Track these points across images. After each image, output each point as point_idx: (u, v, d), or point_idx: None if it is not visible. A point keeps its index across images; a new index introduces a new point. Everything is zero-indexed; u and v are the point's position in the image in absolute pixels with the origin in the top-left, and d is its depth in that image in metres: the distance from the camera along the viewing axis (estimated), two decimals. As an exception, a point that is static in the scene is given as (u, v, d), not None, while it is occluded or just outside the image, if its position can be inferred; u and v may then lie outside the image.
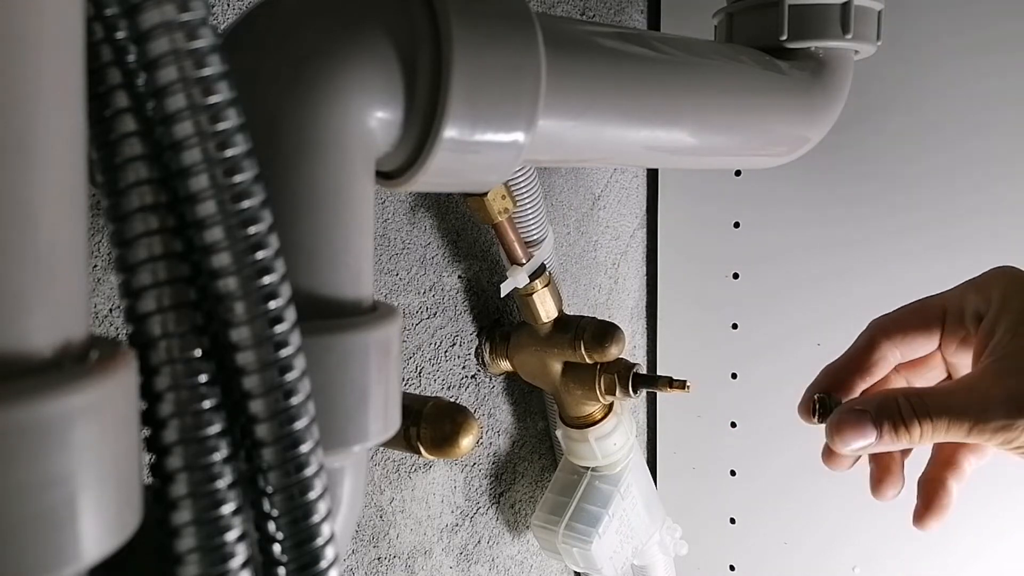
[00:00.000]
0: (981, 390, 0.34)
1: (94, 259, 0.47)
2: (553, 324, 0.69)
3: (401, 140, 0.32)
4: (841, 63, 0.54)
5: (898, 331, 0.39)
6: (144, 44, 0.21)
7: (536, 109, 0.33)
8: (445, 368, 0.71)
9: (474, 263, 0.73)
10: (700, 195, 0.89)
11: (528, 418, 0.81)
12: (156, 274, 0.22)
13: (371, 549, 0.66)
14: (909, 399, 0.35)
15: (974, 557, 0.75)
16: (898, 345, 0.39)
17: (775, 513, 0.87)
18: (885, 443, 0.36)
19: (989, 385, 0.34)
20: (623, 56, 0.40)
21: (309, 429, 0.23)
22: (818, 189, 0.79)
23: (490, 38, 0.32)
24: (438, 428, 0.52)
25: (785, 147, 0.54)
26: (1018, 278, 0.37)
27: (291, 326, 0.23)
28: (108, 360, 0.18)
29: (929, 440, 0.35)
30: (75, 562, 0.17)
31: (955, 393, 0.35)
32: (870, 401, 0.37)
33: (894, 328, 0.39)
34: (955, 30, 0.70)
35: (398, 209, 0.66)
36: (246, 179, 0.22)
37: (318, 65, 0.29)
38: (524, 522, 0.82)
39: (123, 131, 0.22)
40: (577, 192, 0.84)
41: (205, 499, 0.22)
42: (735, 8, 0.56)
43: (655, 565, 0.84)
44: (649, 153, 0.44)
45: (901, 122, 0.74)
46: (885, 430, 0.36)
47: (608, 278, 0.90)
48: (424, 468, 0.70)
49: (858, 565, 0.82)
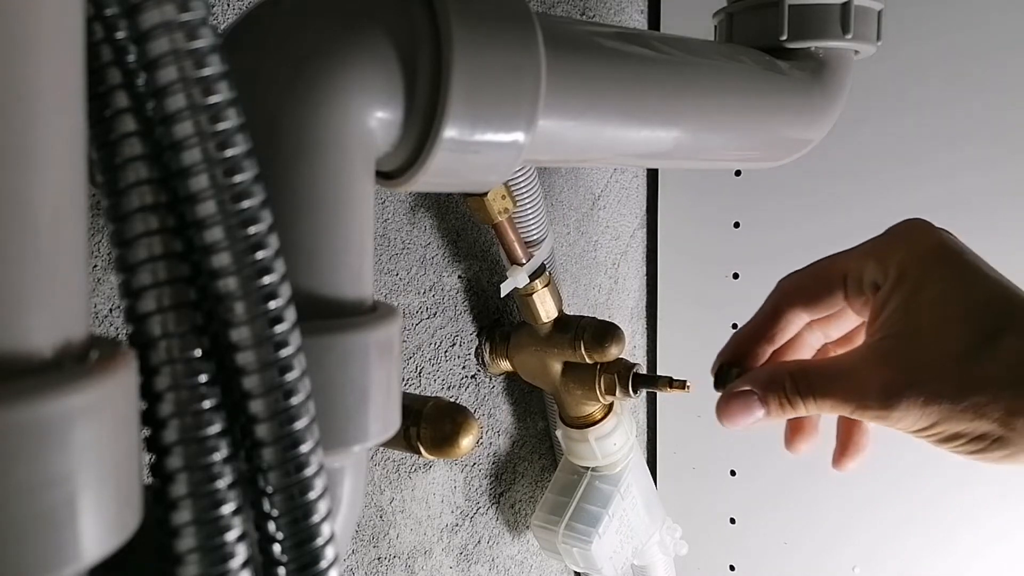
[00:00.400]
0: (861, 375, 0.34)
1: (94, 259, 0.47)
2: (553, 324, 0.69)
3: (401, 140, 0.32)
4: (841, 63, 0.54)
5: (801, 298, 0.39)
6: (144, 44, 0.21)
7: (536, 109, 0.33)
8: (445, 368, 0.71)
9: (474, 263, 0.73)
10: (700, 195, 0.89)
11: (528, 418, 0.81)
12: (156, 274, 0.22)
13: (371, 549, 0.66)
14: (795, 377, 0.36)
15: (974, 557, 0.75)
16: (803, 310, 0.39)
17: (775, 513, 0.87)
18: (774, 418, 0.37)
19: (868, 370, 0.34)
20: (623, 56, 0.40)
21: (309, 429, 0.23)
22: (818, 189, 0.79)
23: (490, 38, 0.32)
24: (438, 428, 0.52)
25: (785, 147, 0.54)
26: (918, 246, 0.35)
27: (291, 326, 0.23)
28: (108, 360, 0.18)
29: (818, 413, 0.36)
30: (75, 562, 0.17)
31: (839, 374, 0.35)
32: (758, 379, 0.37)
33: (797, 296, 0.39)
34: (955, 30, 0.70)
35: (398, 209, 0.66)
36: (246, 179, 0.22)
37: (318, 65, 0.29)
38: (524, 522, 0.82)
39: (123, 131, 0.22)
40: (577, 192, 0.84)
41: (205, 499, 0.22)
42: (735, 8, 0.56)
43: (655, 565, 0.84)
44: (649, 153, 0.44)
45: (901, 122, 0.74)
46: (772, 407, 0.36)
47: (608, 278, 0.90)
48: (424, 468, 0.70)
49: (858, 565, 0.82)
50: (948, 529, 0.76)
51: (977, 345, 0.32)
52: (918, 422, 0.33)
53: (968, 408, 0.32)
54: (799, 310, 0.39)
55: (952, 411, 0.32)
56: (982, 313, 0.33)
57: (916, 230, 0.36)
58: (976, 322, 0.33)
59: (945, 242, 0.35)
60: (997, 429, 0.32)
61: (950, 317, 0.33)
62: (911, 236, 0.36)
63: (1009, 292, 0.33)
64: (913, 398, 0.33)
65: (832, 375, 0.35)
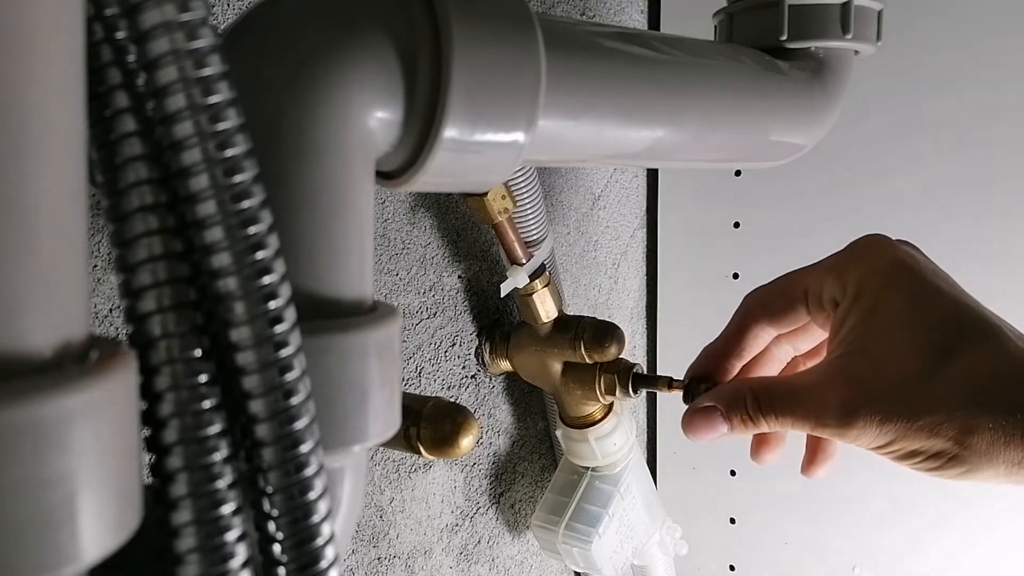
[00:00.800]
0: (819, 393, 0.35)
1: (94, 259, 0.47)
2: (553, 324, 0.69)
3: (401, 140, 0.32)
4: (841, 63, 0.54)
5: (766, 314, 0.39)
6: (144, 44, 0.21)
7: (536, 109, 0.33)
8: (445, 368, 0.71)
9: (474, 263, 0.73)
10: (700, 195, 0.89)
11: (528, 418, 0.81)
12: (156, 274, 0.22)
13: (371, 549, 0.66)
14: (756, 395, 0.36)
15: (974, 557, 0.75)
16: (769, 325, 0.40)
17: (775, 513, 0.87)
18: (738, 434, 0.37)
19: (826, 388, 0.35)
20: (623, 56, 0.40)
21: (309, 429, 0.23)
22: (818, 189, 0.79)
23: (490, 38, 0.32)
24: (438, 428, 0.52)
25: (785, 147, 0.54)
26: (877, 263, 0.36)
27: (291, 326, 0.23)
28: (108, 360, 0.18)
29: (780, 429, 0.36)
30: (75, 562, 0.17)
31: (799, 392, 0.35)
32: (722, 395, 0.38)
33: (762, 312, 0.40)
34: (956, 29, 0.70)
35: (398, 209, 0.66)
36: (246, 179, 0.22)
37: (318, 65, 0.29)
38: (524, 522, 0.82)
39: (123, 131, 0.22)
40: (577, 192, 0.84)
41: (205, 499, 0.22)
42: (735, 8, 0.56)
43: (655, 565, 0.84)
44: (649, 153, 0.44)
45: (901, 122, 0.74)
46: (735, 423, 0.37)
47: (608, 278, 0.90)
48: (424, 468, 0.70)
49: (858, 565, 0.82)
50: (949, 529, 0.76)
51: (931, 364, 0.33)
52: (876, 440, 0.33)
53: (923, 427, 0.32)
54: (765, 325, 0.40)
55: (908, 430, 0.32)
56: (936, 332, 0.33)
57: (875, 246, 0.37)
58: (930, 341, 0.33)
59: (903, 259, 0.36)
60: (952, 447, 0.32)
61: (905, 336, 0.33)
62: (870, 253, 0.37)
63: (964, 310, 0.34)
64: (869, 417, 0.33)
65: (792, 393, 0.36)
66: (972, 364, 0.32)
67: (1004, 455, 0.31)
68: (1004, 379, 0.32)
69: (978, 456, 0.32)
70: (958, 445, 0.32)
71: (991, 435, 0.31)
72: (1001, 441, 0.31)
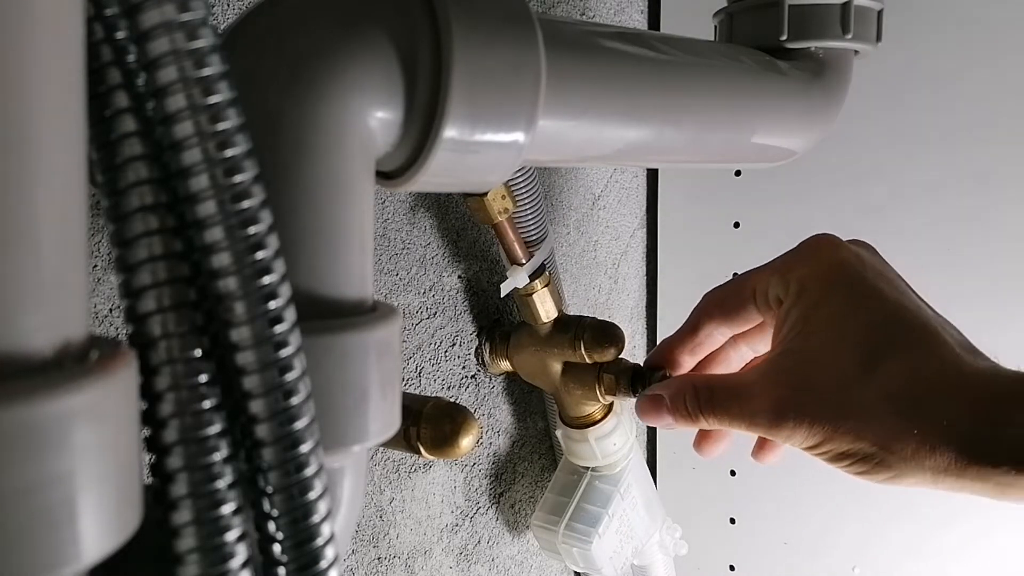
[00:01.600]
0: (755, 392, 0.35)
1: (94, 259, 0.47)
2: (553, 324, 0.69)
3: (401, 140, 0.32)
4: (841, 63, 0.54)
5: (720, 311, 0.40)
6: (144, 44, 0.21)
7: (536, 109, 0.33)
8: (445, 368, 0.71)
9: (474, 263, 0.73)
10: (700, 195, 0.89)
11: (528, 418, 0.81)
12: (156, 274, 0.22)
13: (371, 549, 0.66)
14: (698, 391, 0.37)
15: (974, 557, 0.75)
16: (722, 323, 0.40)
17: (775, 513, 0.87)
18: (681, 426, 0.38)
19: (761, 387, 0.35)
20: (623, 56, 0.40)
21: (309, 429, 0.23)
22: (818, 189, 0.79)
23: (490, 38, 0.32)
24: (438, 428, 0.52)
25: (785, 147, 0.54)
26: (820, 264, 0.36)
27: (291, 326, 0.23)
28: (108, 360, 0.18)
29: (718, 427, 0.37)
30: (75, 562, 0.17)
31: (736, 390, 0.36)
32: (668, 388, 0.39)
33: (716, 310, 0.40)
34: (955, 29, 0.70)
35: (398, 209, 0.66)
36: (246, 179, 0.22)
37: (318, 65, 0.29)
38: (524, 522, 0.82)
39: (123, 131, 0.22)
40: (577, 192, 0.84)
41: (205, 499, 0.22)
42: (735, 8, 0.56)
43: (655, 565, 0.84)
44: (649, 153, 0.44)
45: (902, 122, 0.74)
46: (677, 416, 0.38)
47: (608, 278, 0.90)
48: (424, 468, 0.70)
49: (858, 565, 0.82)
50: (949, 530, 0.76)
51: (862, 367, 0.33)
52: (806, 441, 0.34)
53: (848, 431, 0.32)
54: (718, 323, 0.40)
55: (835, 432, 0.33)
56: (870, 335, 0.33)
57: (821, 247, 0.37)
58: (862, 344, 0.33)
59: (847, 260, 0.36)
60: (878, 452, 0.32)
61: (840, 338, 0.34)
62: (815, 253, 0.37)
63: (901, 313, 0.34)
64: (799, 418, 0.33)
65: (730, 391, 0.36)
66: (902, 369, 0.32)
67: (930, 461, 0.31)
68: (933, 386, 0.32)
69: (903, 462, 0.32)
70: (884, 450, 0.32)
71: (916, 441, 0.31)
72: (926, 448, 0.31)
